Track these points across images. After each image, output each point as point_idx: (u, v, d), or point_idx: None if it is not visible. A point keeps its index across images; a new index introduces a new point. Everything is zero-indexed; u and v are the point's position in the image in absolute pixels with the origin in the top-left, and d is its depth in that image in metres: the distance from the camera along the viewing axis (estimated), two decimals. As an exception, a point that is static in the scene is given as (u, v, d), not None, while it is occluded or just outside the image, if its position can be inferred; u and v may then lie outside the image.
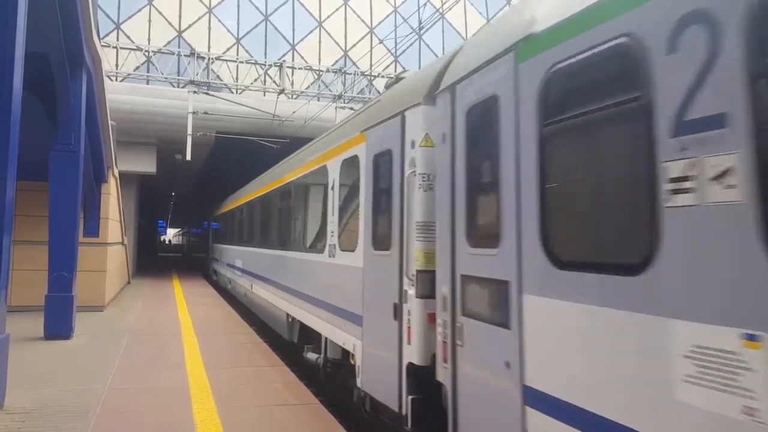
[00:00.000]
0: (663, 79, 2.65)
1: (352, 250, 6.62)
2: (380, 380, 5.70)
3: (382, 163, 5.90)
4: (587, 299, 3.03)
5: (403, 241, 5.27)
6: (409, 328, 5.08)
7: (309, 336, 8.93)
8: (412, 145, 5.24)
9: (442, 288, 4.58)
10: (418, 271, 5.01)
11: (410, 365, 5.05)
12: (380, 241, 5.85)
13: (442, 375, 4.56)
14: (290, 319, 10.28)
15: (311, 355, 8.52)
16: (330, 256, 7.56)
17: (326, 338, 7.76)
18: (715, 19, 2.42)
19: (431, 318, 4.87)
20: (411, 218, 5.16)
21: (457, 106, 4.48)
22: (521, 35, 3.72)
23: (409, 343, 5.07)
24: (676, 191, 2.54)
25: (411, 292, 5.07)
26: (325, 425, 6.11)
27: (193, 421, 6.07)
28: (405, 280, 5.18)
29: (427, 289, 4.92)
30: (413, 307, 5.02)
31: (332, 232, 7.50)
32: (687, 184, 2.50)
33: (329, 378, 7.97)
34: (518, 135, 3.67)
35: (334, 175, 7.63)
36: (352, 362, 6.52)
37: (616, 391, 2.84)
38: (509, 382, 3.65)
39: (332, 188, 7.64)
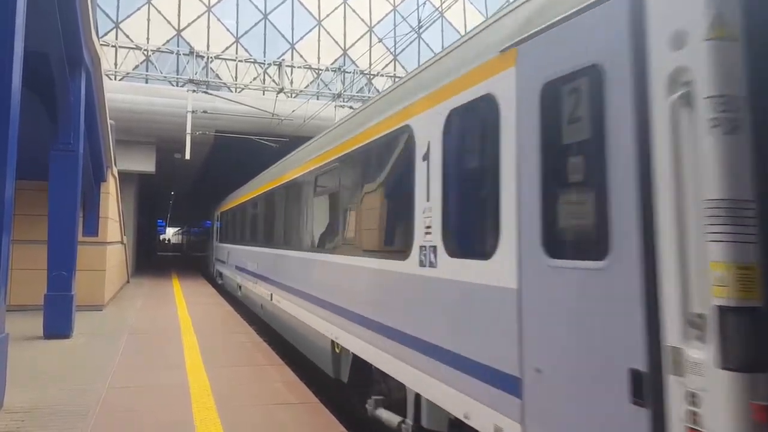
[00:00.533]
0: None
1: (485, 257, 3.95)
2: None
3: (570, 93, 3.29)
4: None
5: (649, 241, 2.74)
6: None
7: (367, 375, 6.48)
8: (677, 42, 2.65)
9: None
10: (722, 309, 2.40)
11: None
12: (571, 239, 3.33)
13: None
14: (337, 349, 7.43)
15: (385, 415, 5.84)
16: (424, 265, 4.84)
17: (417, 394, 5.03)
18: None
19: (763, 415, 2.33)
20: (684, 194, 2.60)
21: None
22: None
23: None
24: None
25: (697, 354, 2.50)
26: (326, 424, 6.11)
27: (192, 420, 6.07)
28: (671, 324, 2.61)
29: (754, 351, 2.37)
30: (713, 387, 2.42)
31: (427, 226, 4.82)
32: None
33: None
34: None
35: (429, 137, 4.89)
36: None
37: None
38: None
39: (425, 158, 4.95)
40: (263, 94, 24.88)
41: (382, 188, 6.10)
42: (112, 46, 24.67)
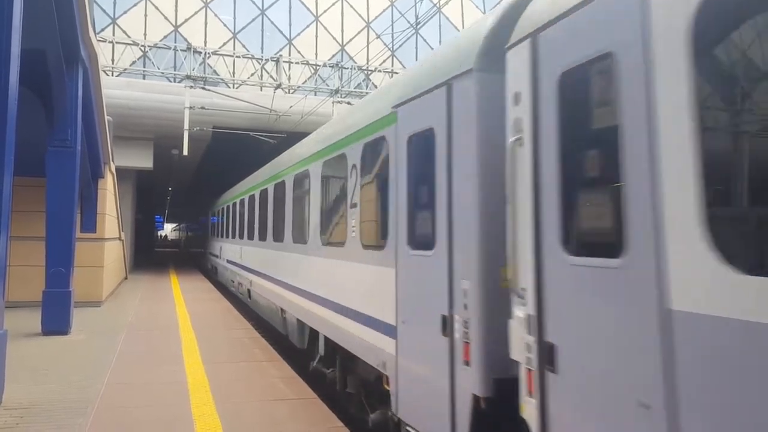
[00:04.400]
0: None
1: None
2: None
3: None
4: None
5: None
6: None
7: None
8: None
9: None
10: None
11: None
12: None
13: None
14: None
15: None
16: None
17: None
18: None
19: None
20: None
21: None
22: None
23: None
24: None
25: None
26: (323, 419, 6.14)
27: (191, 415, 6.10)
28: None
29: None
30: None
31: None
32: None
33: None
34: None
35: None
36: None
37: None
38: None
39: None
40: (261, 90, 24.85)
41: None
42: (109, 42, 24.60)
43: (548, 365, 3.15)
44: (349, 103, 22.24)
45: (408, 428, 4.96)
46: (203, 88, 21.43)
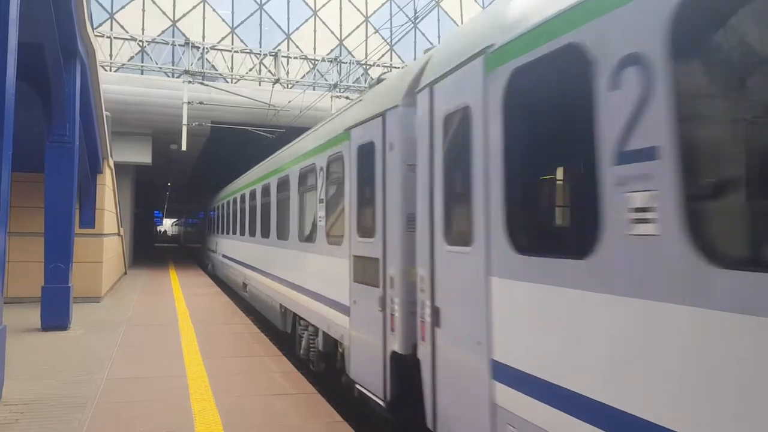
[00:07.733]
0: None
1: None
2: None
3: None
4: None
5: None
6: None
7: None
8: None
9: None
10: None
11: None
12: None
13: None
14: None
15: None
16: None
17: None
18: None
19: None
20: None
21: None
22: None
23: None
24: None
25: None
26: (323, 415, 6.15)
27: (191, 410, 6.10)
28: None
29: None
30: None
31: None
32: None
33: None
34: None
35: None
36: None
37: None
38: None
39: None
40: (259, 85, 24.80)
41: None
42: (107, 37, 24.51)
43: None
44: (347, 98, 22.18)
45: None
46: (201, 83, 21.37)
